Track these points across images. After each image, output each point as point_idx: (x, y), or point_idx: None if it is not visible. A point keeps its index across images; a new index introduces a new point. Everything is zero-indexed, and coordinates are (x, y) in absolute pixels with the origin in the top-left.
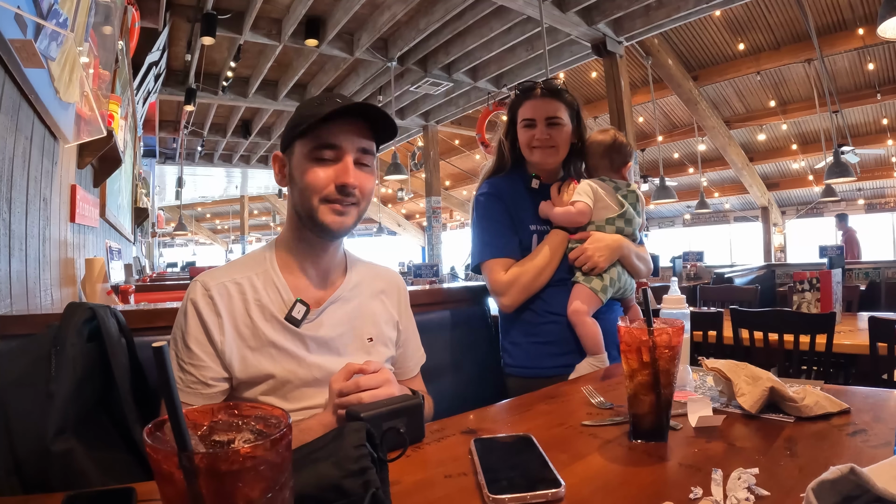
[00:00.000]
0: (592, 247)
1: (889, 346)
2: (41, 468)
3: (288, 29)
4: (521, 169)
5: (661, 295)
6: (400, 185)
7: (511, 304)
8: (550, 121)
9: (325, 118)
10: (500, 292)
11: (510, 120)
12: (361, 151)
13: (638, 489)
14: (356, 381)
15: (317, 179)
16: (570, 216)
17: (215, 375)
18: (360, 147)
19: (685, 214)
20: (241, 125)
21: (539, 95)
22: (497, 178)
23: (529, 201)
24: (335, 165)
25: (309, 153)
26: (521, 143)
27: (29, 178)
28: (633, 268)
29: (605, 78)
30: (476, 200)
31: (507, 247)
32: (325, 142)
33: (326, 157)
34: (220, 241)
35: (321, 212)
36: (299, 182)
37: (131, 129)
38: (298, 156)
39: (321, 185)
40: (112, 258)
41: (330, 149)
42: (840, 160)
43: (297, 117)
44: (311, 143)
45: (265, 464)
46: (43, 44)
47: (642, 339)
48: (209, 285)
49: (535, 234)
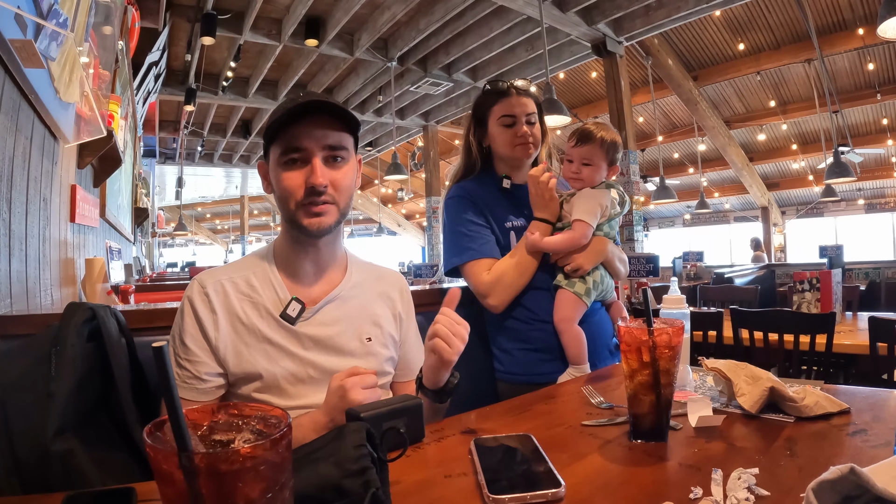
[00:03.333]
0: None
1: (889, 346)
2: (41, 468)
3: (288, 29)
4: (489, 170)
5: (661, 295)
6: (400, 185)
7: (498, 304)
8: (528, 118)
9: (286, 122)
10: (486, 293)
11: (478, 119)
12: (330, 148)
13: (638, 489)
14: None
15: (289, 185)
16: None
17: (209, 371)
18: (326, 144)
19: (685, 214)
20: (241, 125)
21: (515, 94)
22: (466, 181)
23: (502, 200)
24: (304, 168)
25: (279, 159)
26: (501, 141)
27: (29, 178)
28: (615, 270)
29: (605, 78)
30: (447, 204)
31: (484, 247)
32: (291, 145)
33: (296, 160)
34: (220, 241)
35: (298, 215)
36: (276, 189)
37: (131, 129)
38: (272, 162)
39: (293, 190)
40: (112, 258)
41: (296, 151)
42: (840, 160)
43: (267, 122)
44: (280, 147)
45: (265, 464)
46: (43, 44)
47: (642, 339)
48: (205, 283)
49: (511, 231)
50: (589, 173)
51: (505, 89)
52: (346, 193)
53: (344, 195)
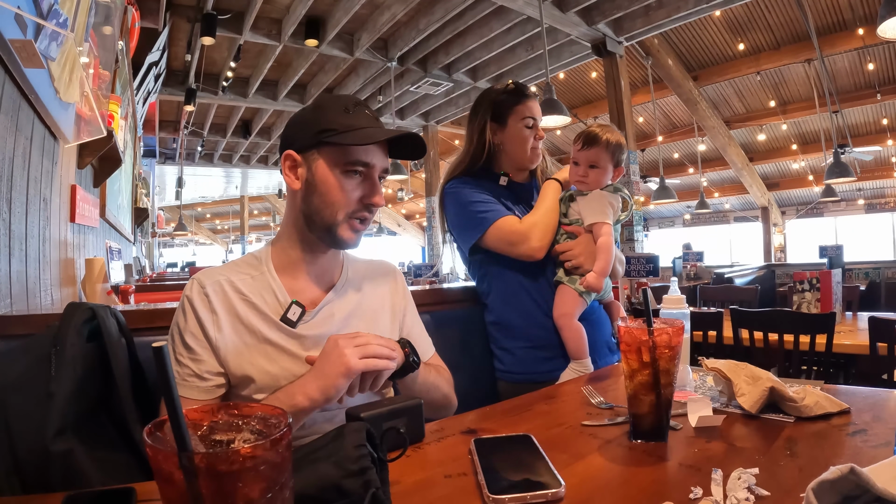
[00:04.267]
0: (580, 249)
1: (889, 346)
2: (41, 468)
3: (288, 29)
4: (488, 168)
5: (661, 295)
6: (400, 185)
7: (540, 245)
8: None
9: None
10: (527, 236)
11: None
12: (385, 171)
13: (638, 489)
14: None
15: (346, 195)
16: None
17: (210, 369)
18: (385, 167)
19: (685, 214)
20: (241, 125)
21: (534, 98)
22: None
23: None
24: (363, 182)
25: (343, 165)
26: (520, 141)
27: (29, 178)
28: (614, 270)
29: (605, 78)
30: (447, 191)
31: (503, 210)
32: (360, 159)
33: (358, 173)
34: (220, 241)
35: (342, 227)
36: (324, 193)
37: (131, 129)
38: (325, 164)
39: (349, 202)
40: (112, 258)
41: (364, 166)
42: (840, 160)
43: (323, 121)
44: (345, 156)
45: (265, 464)
46: (43, 44)
47: (642, 339)
48: (204, 283)
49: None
50: (595, 176)
51: (530, 92)
52: None
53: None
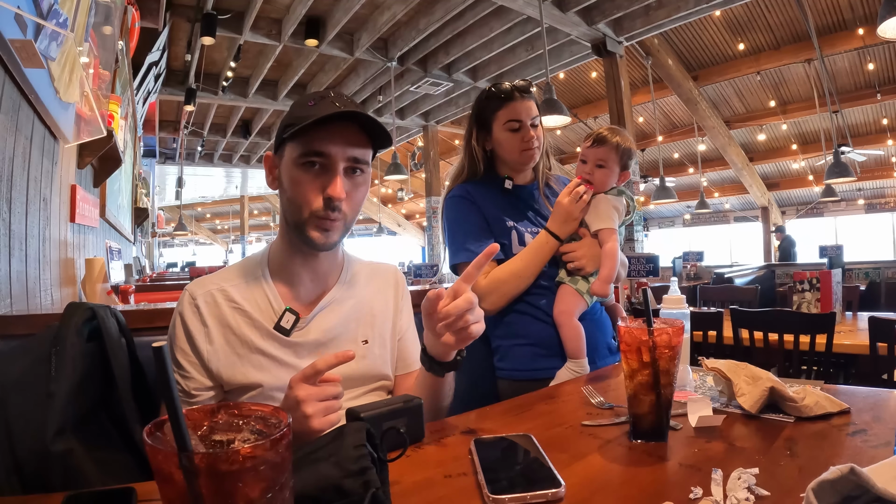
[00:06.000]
0: (584, 251)
1: (889, 346)
2: (41, 468)
3: (288, 29)
4: (491, 172)
5: (661, 295)
6: (400, 185)
7: (491, 308)
8: (532, 121)
9: (315, 123)
10: (483, 295)
11: (481, 123)
12: (353, 160)
13: (638, 489)
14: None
15: (304, 191)
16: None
17: (198, 386)
18: (350, 156)
19: (685, 214)
20: (241, 125)
21: (520, 98)
22: (467, 183)
23: (503, 200)
24: (323, 175)
25: (297, 159)
26: (508, 146)
27: (29, 178)
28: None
29: (605, 78)
30: (447, 203)
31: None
32: (315, 149)
33: (315, 164)
34: (220, 241)
35: (308, 226)
36: (288, 189)
37: (131, 129)
38: (287, 160)
39: (310, 198)
40: (112, 258)
41: (318, 156)
42: (840, 160)
43: (288, 117)
44: (301, 147)
45: (265, 464)
46: (43, 44)
47: (642, 339)
48: (196, 294)
49: (513, 230)
50: (602, 175)
51: (509, 93)
52: (357, 209)
53: (354, 211)
